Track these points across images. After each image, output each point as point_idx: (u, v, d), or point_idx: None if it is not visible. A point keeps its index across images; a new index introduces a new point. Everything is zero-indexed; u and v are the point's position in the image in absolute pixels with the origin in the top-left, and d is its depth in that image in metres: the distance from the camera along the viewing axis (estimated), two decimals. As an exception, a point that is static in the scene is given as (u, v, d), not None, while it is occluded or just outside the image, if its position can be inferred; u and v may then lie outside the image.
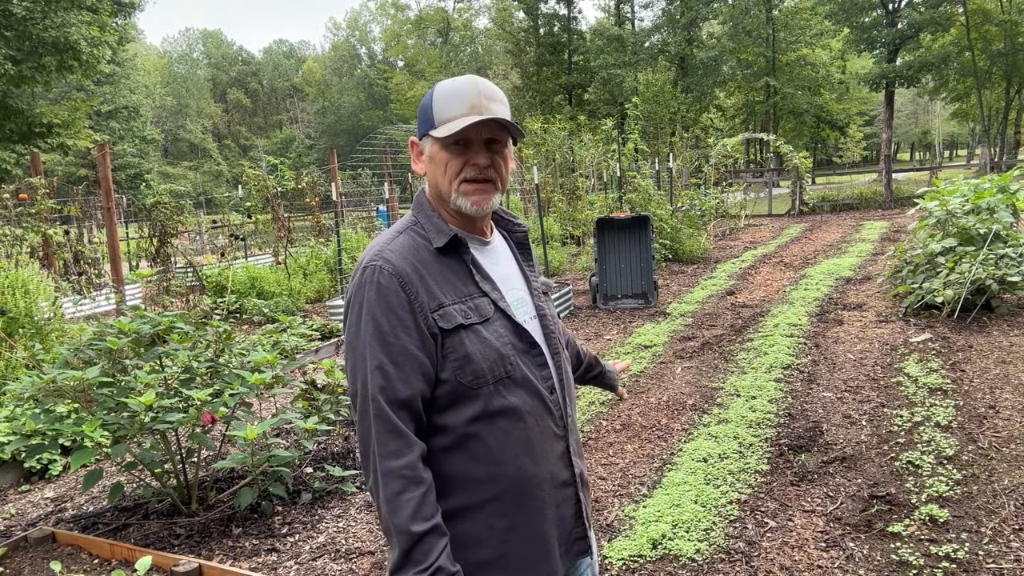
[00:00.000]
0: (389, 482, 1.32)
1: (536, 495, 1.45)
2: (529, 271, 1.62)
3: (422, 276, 1.40)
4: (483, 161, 1.43)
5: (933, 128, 67.05)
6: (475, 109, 1.40)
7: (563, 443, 1.51)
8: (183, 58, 74.33)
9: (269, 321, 8.65)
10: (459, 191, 1.44)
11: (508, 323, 1.46)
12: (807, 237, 15.35)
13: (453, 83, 1.45)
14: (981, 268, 6.61)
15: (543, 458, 1.46)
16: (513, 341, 1.45)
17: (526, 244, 1.65)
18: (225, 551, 3.44)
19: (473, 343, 1.39)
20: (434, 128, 1.43)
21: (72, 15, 17.25)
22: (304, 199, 12.79)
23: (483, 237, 1.54)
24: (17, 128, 19.23)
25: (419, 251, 1.44)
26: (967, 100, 36.66)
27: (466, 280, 1.45)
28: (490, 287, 1.47)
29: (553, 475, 1.49)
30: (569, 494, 1.52)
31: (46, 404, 3.44)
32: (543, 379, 1.49)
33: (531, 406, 1.45)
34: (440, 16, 56.21)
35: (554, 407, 1.50)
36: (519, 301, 1.53)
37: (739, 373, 5.74)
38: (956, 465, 3.82)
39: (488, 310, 1.44)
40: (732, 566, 3.06)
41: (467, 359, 1.38)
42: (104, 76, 33.97)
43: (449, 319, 1.39)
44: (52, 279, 6.73)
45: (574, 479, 1.54)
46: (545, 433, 1.47)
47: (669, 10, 40.01)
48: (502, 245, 1.60)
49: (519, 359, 1.45)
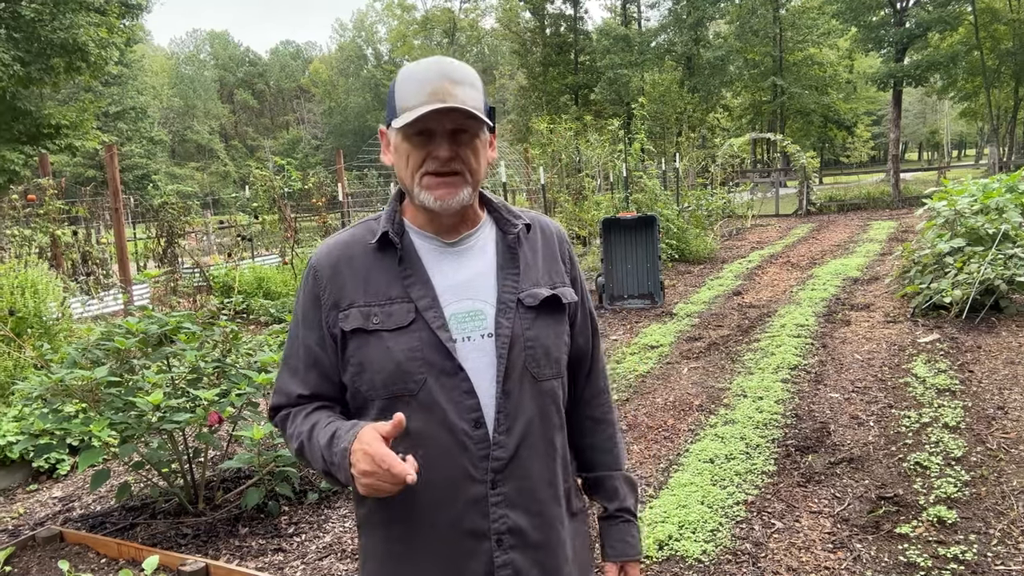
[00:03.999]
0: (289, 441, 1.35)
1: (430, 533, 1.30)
2: (507, 278, 1.36)
3: (338, 273, 1.33)
4: (444, 153, 1.26)
5: (941, 128, 66.74)
6: (436, 95, 1.23)
7: (482, 488, 1.28)
8: (190, 59, 74.62)
9: (276, 321, 8.66)
10: (421, 185, 1.29)
11: (429, 336, 1.28)
12: (814, 237, 15.30)
13: (416, 66, 1.29)
14: (990, 268, 6.58)
15: (443, 498, 1.28)
16: (430, 358, 1.27)
17: (514, 247, 1.39)
18: (232, 551, 3.45)
19: (373, 350, 1.28)
20: (395, 115, 1.27)
21: (80, 17, 17.32)
22: (311, 199, 12.81)
23: (449, 237, 1.36)
24: (26, 129, 19.32)
25: (353, 246, 1.35)
26: (976, 99, 36.49)
27: (392, 281, 1.31)
28: (421, 293, 1.30)
29: (458, 520, 1.29)
30: (482, 549, 1.29)
31: (54, 404, 3.45)
32: (466, 409, 1.28)
33: (436, 436, 1.27)
34: (446, 16, 56.26)
35: (474, 444, 1.28)
36: (469, 314, 1.32)
37: (746, 374, 5.73)
38: (964, 466, 3.80)
39: (405, 318, 1.28)
40: (739, 567, 3.06)
41: (361, 367, 1.29)
42: (112, 77, 34.09)
43: (351, 321, 1.29)
44: (60, 279, 6.76)
45: (488, 533, 1.29)
46: (452, 471, 1.27)
47: (675, 10, 39.92)
48: (486, 248, 1.39)
49: (434, 380, 1.26)
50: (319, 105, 73.55)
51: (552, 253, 1.45)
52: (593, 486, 1.54)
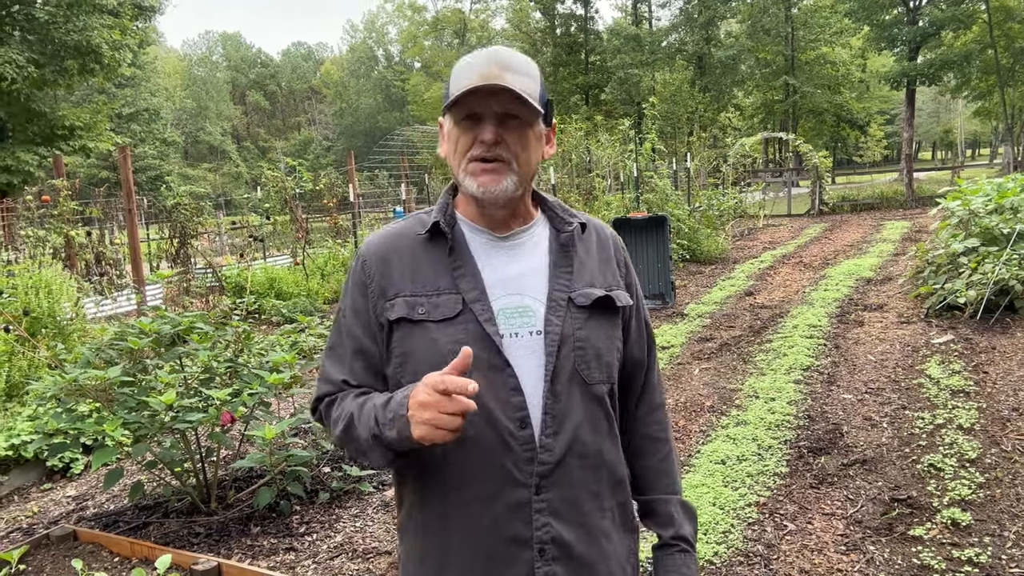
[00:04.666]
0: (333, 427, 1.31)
1: (468, 538, 1.25)
2: (563, 277, 1.31)
3: (388, 262, 1.30)
4: (489, 136, 1.22)
5: (955, 127, 66.24)
6: (485, 78, 1.21)
7: (525, 492, 1.22)
8: (203, 61, 75.03)
9: (287, 321, 8.69)
10: (466, 170, 1.26)
11: (476, 329, 1.24)
12: (827, 237, 15.21)
13: (471, 55, 1.28)
14: (1004, 268, 6.52)
15: (483, 499, 1.23)
16: (475, 352, 1.18)
17: (568, 246, 1.35)
18: (244, 550, 3.46)
19: (417, 341, 1.25)
20: (448, 99, 1.26)
21: (94, 19, 17.48)
22: (322, 200, 12.86)
23: (500, 231, 1.32)
24: (40, 131, 19.51)
25: (404, 237, 1.34)
26: (990, 98, 36.15)
27: (441, 272, 1.28)
28: (470, 284, 1.26)
29: (497, 525, 1.23)
30: (523, 558, 1.23)
31: (68, 403, 3.48)
32: (512, 407, 1.22)
33: (480, 434, 1.21)
34: (457, 17, 56.32)
35: (519, 445, 1.22)
36: (517, 310, 1.27)
37: (758, 374, 5.70)
38: (979, 468, 3.77)
39: (452, 309, 1.25)
40: (751, 569, 3.04)
41: (405, 357, 1.26)
42: (125, 79, 34.34)
43: (397, 310, 1.26)
44: (74, 280, 6.82)
45: (531, 542, 1.23)
46: (494, 472, 1.22)
47: (687, 9, 39.83)
48: (539, 244, 1.35)
49: (477, 374, 1.18)
50: (330, 106, 73.82)
51: (607, 256, 1.40)
52: (646, 511, 1.43)
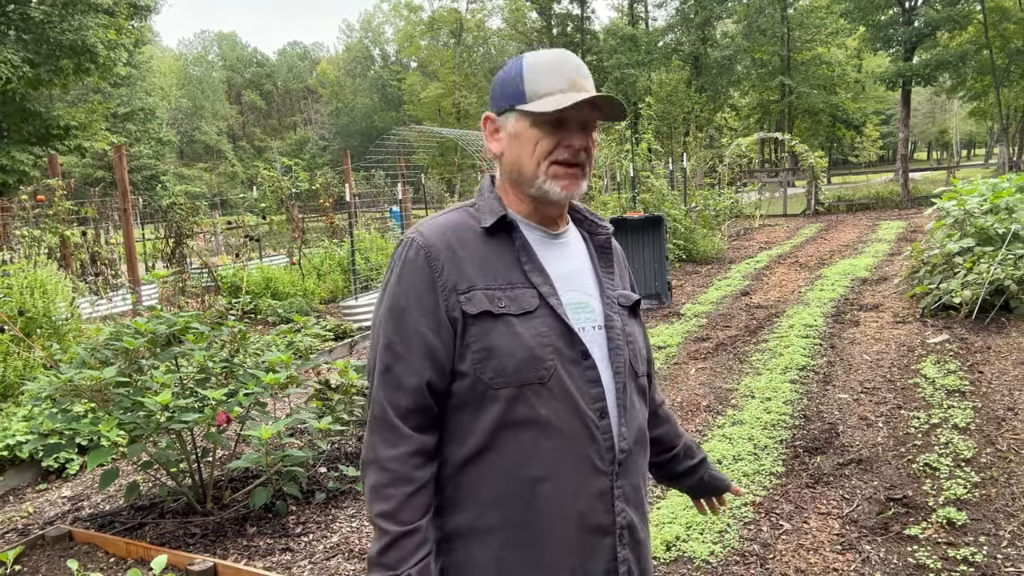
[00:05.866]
0: (375, 471, 1.24)
1: (555, 533, 1.24)
2: (607, 276, 1.39)
3: (455, 253, 1.25)
4: (579, 143, 1.26)
5: (950, 127, 66.40)
6: (575, 86, 1.25)
7: (606, 481, 1.28)
8: (198, 60, 74.88)
9: (283, 321, 8.68)
10: (548, 173, 1.27)
11: (555, 322, 1.25)
12: (823, 237, 15.24)
13: (546, 55, 1.28)
14: (1000, 268, 6.54)
15: (572, 491, 1.25)
16: (557, 344, 1.24)
17: (608, 249, 1.43)
18: (240, 550, 3.46)
19: (500, 335, 1.22)
20: (524, 102, 1.25)
21: (89, 18, 17.42)
22: (318, 200, 12.84)
23: (551, 229, 1.36)
24: (35, 130, 19.45)
25: (463, 229, 1.29)
26: (985, 99, 36.24)
27: (511, 267, 1.27)
28: (541, 279, 1.27)
29: (583, 515, 1.26)
30: (604, 545, 1.28)
31: (63, 403, 3.47)
32: (592, 398, 1.27)
33: (567, 425, 1.24)
34: (453, 17, 56.23)
35: (601, 435, 1.27)
36: (580, 305, 1.32)
37: (754, 374, 5.71)
38: (974, 467, 3.78)
39: (530, 303, 1.25)
40: (747, 568, 3.04)
41: (489, 352, 1.22)
42: (120, 78, 34.21)
43: (476, 303, 1.22)
44: (69, 280, 6.80)
45: (613, 528, 1.29)
46: (581, 462, 1.25)
47: (683, 9, 39.87)
48: (578, 245, 1.40)
49: (562, 367, 1.23)
50: (326, 106, 73.69)
51: (622, 263, 1.50)
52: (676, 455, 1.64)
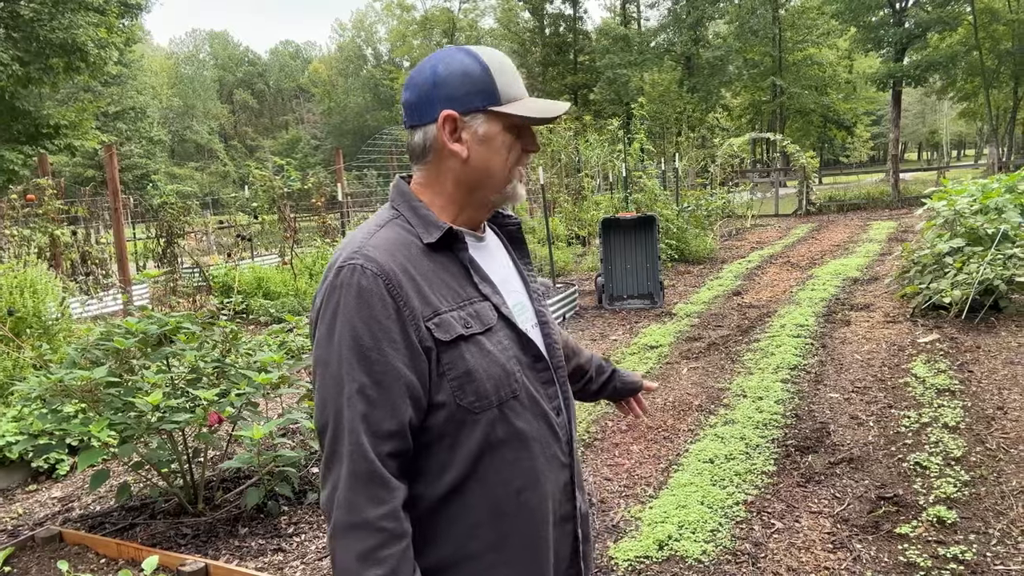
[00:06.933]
0: (363, 536, 1.08)
1: (541, 536, 1.25)
2: (527, 271, 1.39)
3: (412, 277, 1.15)
4: (536, 148, 1.29)
5: (941, 128, 66.73)
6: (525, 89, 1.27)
7: (568, 472, 1.31)
8: (190, 59, 74.58)
9: (275, 321, 8.66)
10: (518, 177, 1.27)
11: (512, 332, 1.24)
12: (814, 237, 15.30)
13: (497, 54, 1.24)
14: (989, 268, 6.58)
15: (548, 492, 1.26)
16: (517, 354, 1.23)
17: (520, 238, 1.41)
18: (231, 551, 3.44)
19: (475, 357, 1.16)
20: (498, 104, 1.20)
21: (79, 16, 17.32)
22: (310, 199, 12.80)
23: (479, 233, 1.32)
24: (25, 129, 19.31)
25: (407, 247, 1.19)
26: (975, 100, 36.46)
27: (463, 282, 1.22)
28: (491, 290, 1.24)
29: (555, 510, 1.29)
30: (568, 530, 1.33)
31: (53, 404, 3.45)
32: (549, 398, 1.27)
33: (537, 431, 1.24)
34: (446, 17, 56.17)
35: (560, 430, 1.29)
36: (519, 306, 1.30)
37: (745, 374, 5.72)
38: (964, 466, 3.80)
39: (490, 317, 1.21)
40: (739, 567, 3.05)
41: (468, 377, 1.15)
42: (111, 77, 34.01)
43: (448, 329, 1.15)
44: (60, 279, 6.76)
45: (575, 513, 1.33)
46: (551, 462, 1.26)
47: (675, 10, 39.95)
48: (495, 241, 1.38)
49: (524, 375, 1.23)
50: (318, 105, 73.46)
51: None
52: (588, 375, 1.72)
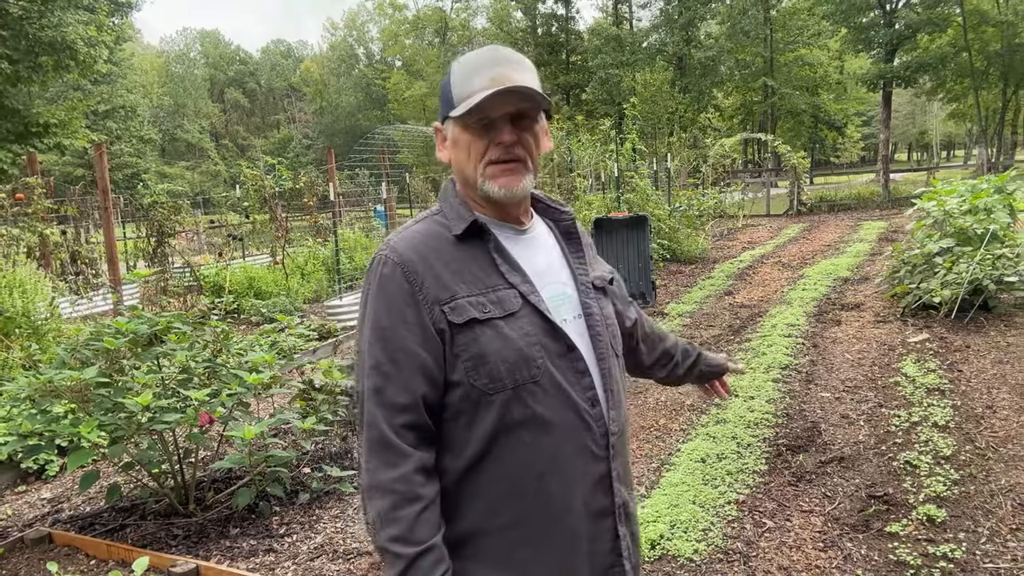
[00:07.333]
0: (378, 496, 1.21)
1: (565, 524, 1.27)
2: (577, 263, 1.42)
3: (431, 265, 1.26)
4: (508, 139, 1.27)
5: (930, 128, 67.08)
6: (496, 81, 1.25)
7: (604, 465, 1.32)
8: (181, 57, 74.19)
9: (267, 321, 8.63)
10: (485, 175, 1.29)
11: (539, 320, 1.28)
12: (805, 237, 15.36)
13: (474, 56, 1.30)
14: (978, 268, 6.62)
15: (575, 481, 1.28)
16: (544, 341, 1.27)
17: (574, 233, 1.46)
18: (223, 551, 3.43)
19: (489, 340, 1.23)
20: (453, 107, 1.27)
21: (69, 15, 17.21)
22: (302, 199, 12.76)
23: (518, 225, 1.37)
24: (13, 128, 19.18)
25: (434, 239, 1.30)
26: (964, 101, 36.68)
27: (489, 270, 1.29)
28: (519, 279, 1.30)
29: (587, 502, 1.30)
30: (606, 526, 1.33)
31: (43, 404, 3.43)
32: (582, 388, 1.30)
33: (563, 418, 1.27)
34: (438, 16, 56.12)
35: (595, 422, 1.30)
36: (560, 296, 1.34)
37: (737, 373, 5.73)
38: (954, 465, 3.83)
39: (513, 303, 1.27)
40: (730, 566, 3.06)
41: (480, 359, 1.23)
42: (101, 76, 33.82)
43: (461, 312, 1.23)
44: (49, 279, 6.72)
45: (613, 509, 1.34)
46: (580, 452, 1.29)
47: (667, 10, 40.00)
48: (545, 235, 1.42)
49: (550, 363, 1.26)
50: (310, 104, 73.22)
51: (588, 242, 1.53)
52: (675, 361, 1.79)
